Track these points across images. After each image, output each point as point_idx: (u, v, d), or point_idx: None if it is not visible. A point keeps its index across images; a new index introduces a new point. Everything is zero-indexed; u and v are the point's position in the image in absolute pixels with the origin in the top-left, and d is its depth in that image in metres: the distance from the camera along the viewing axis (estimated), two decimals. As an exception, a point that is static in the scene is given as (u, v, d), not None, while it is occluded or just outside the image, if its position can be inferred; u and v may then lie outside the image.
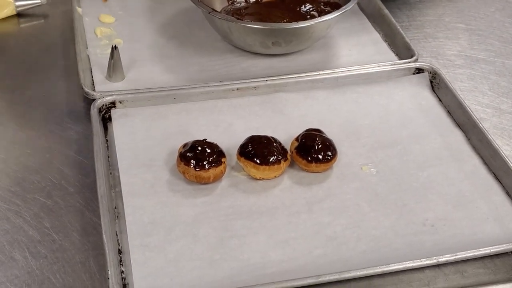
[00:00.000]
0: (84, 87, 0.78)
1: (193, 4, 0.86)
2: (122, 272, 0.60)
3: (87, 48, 0.88)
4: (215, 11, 0.85)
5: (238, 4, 0.93)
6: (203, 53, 0.89)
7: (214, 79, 0.83)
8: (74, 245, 0.63)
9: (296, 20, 0.85)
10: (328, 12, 0.86)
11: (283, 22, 0.87)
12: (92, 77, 0.83)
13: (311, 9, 0.91)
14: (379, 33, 0.93)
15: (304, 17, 0.89)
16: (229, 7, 0.93)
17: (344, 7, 0.85)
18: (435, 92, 0.82)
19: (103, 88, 0.80)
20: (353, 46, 0.91)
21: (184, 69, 0.86)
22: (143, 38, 0.91)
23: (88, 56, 0.86)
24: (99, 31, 0.91)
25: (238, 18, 0.87)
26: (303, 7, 0.92)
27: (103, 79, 0.82)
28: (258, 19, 0.89)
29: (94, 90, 0.79)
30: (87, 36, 0.90)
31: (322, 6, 0.91)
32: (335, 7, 0.87)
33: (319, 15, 0.88)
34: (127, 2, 0.98)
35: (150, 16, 0.96)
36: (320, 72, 0.83)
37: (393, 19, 0.92)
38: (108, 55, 0.82)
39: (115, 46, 0.81)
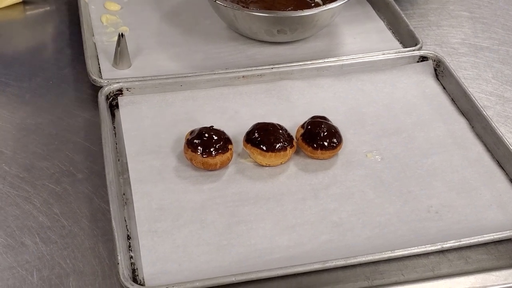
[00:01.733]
0: (91, 75, 0.78)
1: None
2: (131, 257, 0.60)
3: (93, 35, 0.88)
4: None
5: None
6: (209, 40, 0.89)
7: (219, 67, 0.83)
8: (83, 231, 0.64)
9: (301, 8, 0.85)
10: (332, 1, 0.87)
11: (288, 10, 0.87)
12: (99, 64, 0.83)
13: None
14: (383, 21, 0.93)
15: (308, 5, 0.89)
16: None
17: None
18: (439, 80, 0.83)
19: (110, 76, 0.81)
20: (357, 34, 0.91)
21: (189, 57, 0.86)
22: (148, 26, 0.91)
23: (95, 43, 0.86)
24: (105, 19, 0.91)
25: (243, 6, 0.87)
26: None
27: (110, 67, 0.83)
28: (262, 6, 0.89)
29: (101, 77, 0.80)
30: (93, 23, 0.90)
31: None
32: None
33: (324, 3, 0.88)
34: None
35: (156, 4, 0.96)
36: (325, 60, 0.83)
37: (397, 7, 0.92)
38: (115, 43, 0.82)
39: (122, 34, 0.81)
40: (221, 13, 0.87)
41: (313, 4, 0.89)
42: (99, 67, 0.83)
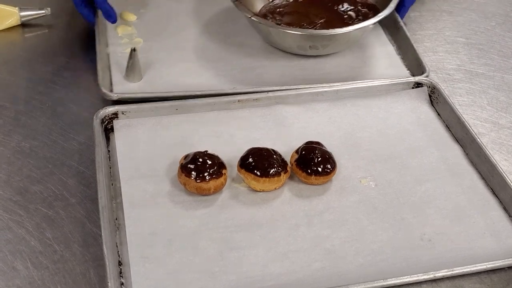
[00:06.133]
0: (101, 88, 0.79)
1: (214, 5, 0.92)
2: (122, 284, 0.60)
3: (107, 46, 0.89)
4: (256, 15, 0.88)
5: (278, 2, 0.95)
6: (221, 55, 0.90)
7: (229, 84, 0.84)
8: (75, 256, 0.63)
9: (333, 19, 0.88)
10: (365, 14, 0.88)
11: (320, 23, 0.89)
12: (110, 76, 0.84)
13: (348, 9, 0.92)
14: (394, 46, 0.94)
15: (341, 16, 0.91)
16: (269, 5, 0.94)
17: (380, 14, 0.87)
18: (433, 106, 0.83)
19: (121, 89, 0.82)
20: (368, 58, 0.92)
21: (200, 73, 0.87)
22: (162, 38, 0.93)
23: (108, 54, 0.88)
24: (120, 30, 0.93)
25: (277, 17, 0.89)
26: (341, 6, 0.93)
27: (121, 79, 0.84)
28: (296, 18, 0.91)
29: (111, 90, 0.81)
30: (108, 34, 0.92)
31: (359, 7, 0.92)
32: (372, 8, 0.88)
33: (356, 16, 0.89)
34: (149, 0, 1.00)
35: (171, 16, 0.97)
36: (321, 85, 0.83)
37: (407, 33, 0.92)
38: (127, 54, 0.83)
39: (134, 48, 0.83)
40: (257, 28, 0.89)
41: (345, 16, 0.91)
42: (111, 79, 0.84)
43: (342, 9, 0.92)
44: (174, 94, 0.81)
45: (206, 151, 0.71)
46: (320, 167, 0.70)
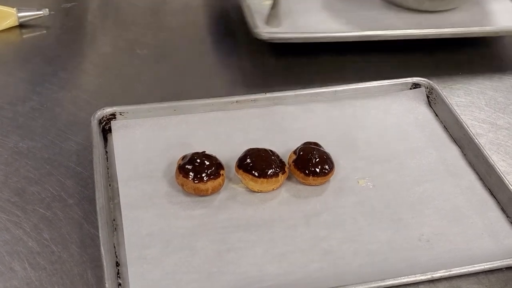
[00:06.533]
0: (253, 30, 0.88)
1: None
2: (120, 284, 0.60)
3: None
4: None
5: None
6: (354, 6, 0.98)
7: (358, 28, 0.93)
8: (72, 257, 0.63)
9: None
10: None
11: None
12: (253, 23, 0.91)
13: None
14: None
15: None
16: None
17: None
18: (431, 107, 0.83)
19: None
20: (487, 14, 0.97)
21: (332, 22, 0.95)
22: None
23: (249, 6, 0.94)
24: None
25: None
26: None
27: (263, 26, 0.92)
28: None
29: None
30: None
31: None
32: None
33: None
34: None
35: None
36: (319, 87, 0.83)
37: None
38: (265, 8, 0.93)
39: None
40: None
41: None
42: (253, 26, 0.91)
43: None
44: (319, 35, 0.91)
45: (204, 151, 0.71)
46: (318, 168, 0.70)
